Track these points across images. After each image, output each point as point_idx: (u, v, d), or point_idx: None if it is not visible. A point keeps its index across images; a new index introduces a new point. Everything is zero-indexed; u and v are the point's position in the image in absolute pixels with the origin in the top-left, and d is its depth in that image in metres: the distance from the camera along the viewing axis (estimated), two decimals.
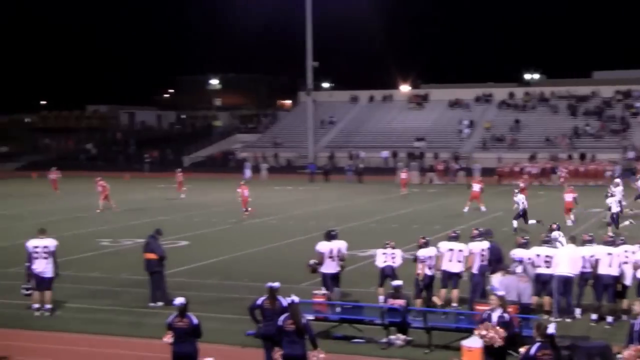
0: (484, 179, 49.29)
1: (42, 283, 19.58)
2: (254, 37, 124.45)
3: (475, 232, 20.42)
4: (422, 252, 19.70)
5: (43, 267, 19.56)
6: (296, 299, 13.55)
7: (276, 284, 14.67)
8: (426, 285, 19.51)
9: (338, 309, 17.92)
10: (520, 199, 34.49)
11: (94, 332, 18.16)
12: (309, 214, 41.06)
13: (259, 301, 14.74)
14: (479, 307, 16.02)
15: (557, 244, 21.31)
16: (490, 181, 50.26)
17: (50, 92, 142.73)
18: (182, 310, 13.34)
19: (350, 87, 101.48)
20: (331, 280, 19.67)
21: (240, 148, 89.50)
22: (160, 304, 19.94)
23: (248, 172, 68.22)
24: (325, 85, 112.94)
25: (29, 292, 19.80)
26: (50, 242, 19.83)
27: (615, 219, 33.35)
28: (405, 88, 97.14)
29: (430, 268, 19.62)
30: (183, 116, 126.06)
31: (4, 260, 26.69)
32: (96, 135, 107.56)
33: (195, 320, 13.31)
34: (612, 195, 34.33)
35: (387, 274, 20.04)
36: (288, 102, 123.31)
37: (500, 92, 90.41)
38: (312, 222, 34.59)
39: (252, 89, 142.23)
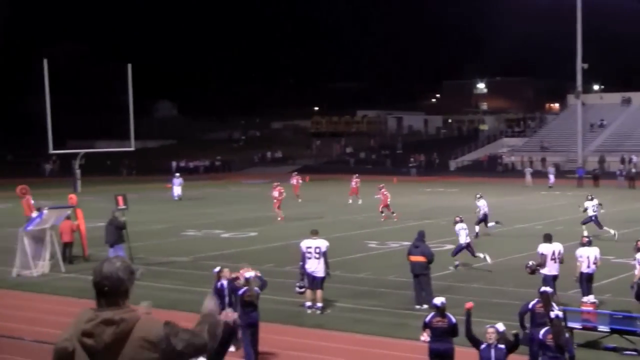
0: None
1: (314, 282, 20.48)
2: (520, 40, 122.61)
3: None
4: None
5: (315, 266, 20.47)
6: (560, 314, 13.53)
7: (549, 289, 14.67)
8: None
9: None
10: None
11: (359, 331, 18.81)
12: (577, 220, 40.05)
13: (530, 305, 14.81)
14: None
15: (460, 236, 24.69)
16: None
17: (323, 98, 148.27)
18: (442, 310, 13.79)
19: (622, 88, 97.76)
20: (552, 282, 19.54)
21: (507, 152, 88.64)
22: (425, 306, 20.14)
23: (552, 178, 66.83)
24: (595, 87, 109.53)
25: (302, 290, 20.73)
26: (322, 243, 20.67)
27: (594, 220, 34.50)
28: None
29: None
30: (449, 120, 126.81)
31: (280, 259, 28.11)
32: (364, 139, 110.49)
33: (453, 320, 13.73)
34: (591, 199, 35.28)
35: None
36: (556, 105, 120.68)
37: None
38: (579, 227, 33.77)
39: (518, 92, 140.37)
